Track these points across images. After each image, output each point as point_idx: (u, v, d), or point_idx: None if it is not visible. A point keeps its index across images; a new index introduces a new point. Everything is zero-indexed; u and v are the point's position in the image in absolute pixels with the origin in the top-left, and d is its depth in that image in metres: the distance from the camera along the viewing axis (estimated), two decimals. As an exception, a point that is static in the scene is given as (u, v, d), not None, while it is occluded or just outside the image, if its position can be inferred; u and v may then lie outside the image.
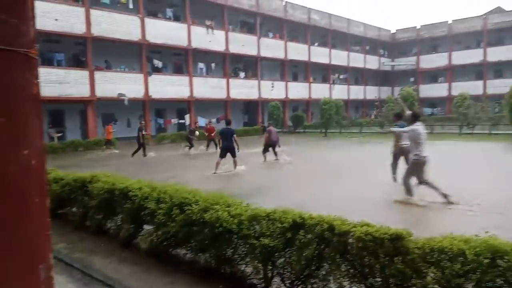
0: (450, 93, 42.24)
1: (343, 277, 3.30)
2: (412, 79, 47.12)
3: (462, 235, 2.82)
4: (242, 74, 33.65)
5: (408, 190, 7.42)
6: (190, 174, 12.32)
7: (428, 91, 45.16)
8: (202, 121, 30.19)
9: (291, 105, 37.71)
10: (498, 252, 2.52)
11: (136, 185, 5.13)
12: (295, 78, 39.16)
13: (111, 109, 25.50)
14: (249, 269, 4.06)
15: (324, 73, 41.54)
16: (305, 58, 37.66)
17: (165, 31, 26.31)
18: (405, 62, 47.80)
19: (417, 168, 7.28)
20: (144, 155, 17.00)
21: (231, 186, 10.08)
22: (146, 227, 5.22)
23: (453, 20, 44.02)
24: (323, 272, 3.44)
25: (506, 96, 22.57)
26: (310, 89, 38.34)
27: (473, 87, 39.96)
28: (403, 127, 8.40)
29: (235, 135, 12.26)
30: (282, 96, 35.20)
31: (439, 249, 2.73)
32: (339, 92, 40.65)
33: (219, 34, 29.97)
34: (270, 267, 3.78)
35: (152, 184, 5.23)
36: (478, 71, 42.89)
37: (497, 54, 41.00)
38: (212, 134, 18.67)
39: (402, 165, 8.98)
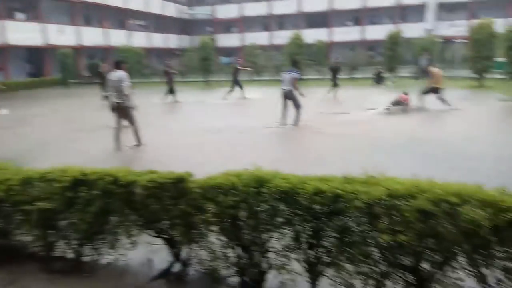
0: (243, 43, 45.64)
1: (131, 227, 3.26)
2: (209, 29, 48.75)
3: (236, 170, 3.09)
4: (21, 16, 28.28)
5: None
6: None
7: (224, 41, 47.71)
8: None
9: (86, 53, 34.21)
10: (262, 181, 2.87)
11: None
12: (88, 22, 35.27)
13: None
14: (29, 238, 3.60)
15: (121, 18, 38.73)
16: (98, 0, 34.12)
17: None
18: (202, 11, 48.79)
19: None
20: None
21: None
22: None
23: (241, -27, 46.69)
24: (111, 226, 3.33)
25: (285, 47, 25.80)
26: (108, 36, 35.36)
27: (262, 37, 44.14)
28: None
29: None
30: (74, 42, 31.40)
31: (215, 185, 2.94)
32: (139, 39, 38.89)
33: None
34: (53, 232, 3.43)
35: None
36: (265, 22, 47.36)
37: (281, 7, 45.84)
38: None
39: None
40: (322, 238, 2.81)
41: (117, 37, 35.37)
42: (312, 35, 34.44)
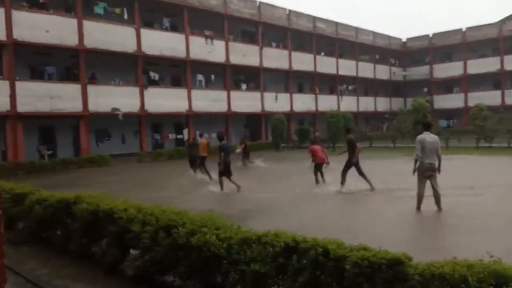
0: (466, 104, 42.17)
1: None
2: (425, 90, 47.03)
3: (465, 259, 2.75)
4: (244, 86, 33.84)
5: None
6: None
7: (443, 102, 45.08)
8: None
9: (297, 118, 37.79)
10: (502, 278, 2.46)
11: (122, 206, 5.10)
12: (300, 90, 39.34)
13: (105, 124, 25.64)
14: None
15: (331, 84, 41.72)
16: (311, 68, 37.88)
17: (161, 42, 26.59)
18: (417, 72, 47.92)
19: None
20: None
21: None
22: (133, 251, 5.16)
23: (467, 28, 44.23)
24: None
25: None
26: (317, 101, 38.46)
27: (491, 97, 39.86)
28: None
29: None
30: (286, 108, 35.30)
31: (440, 275, 2.67)
32: (348, 104, 40.73)
33: (219, 44, 30.25)
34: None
35: (139, 205, 5.19)
36: (495, 80, 42.85)
37: (515, 61, 41.06)
38: None
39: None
40: None
41: (326, 102, 38.04)
42: None
